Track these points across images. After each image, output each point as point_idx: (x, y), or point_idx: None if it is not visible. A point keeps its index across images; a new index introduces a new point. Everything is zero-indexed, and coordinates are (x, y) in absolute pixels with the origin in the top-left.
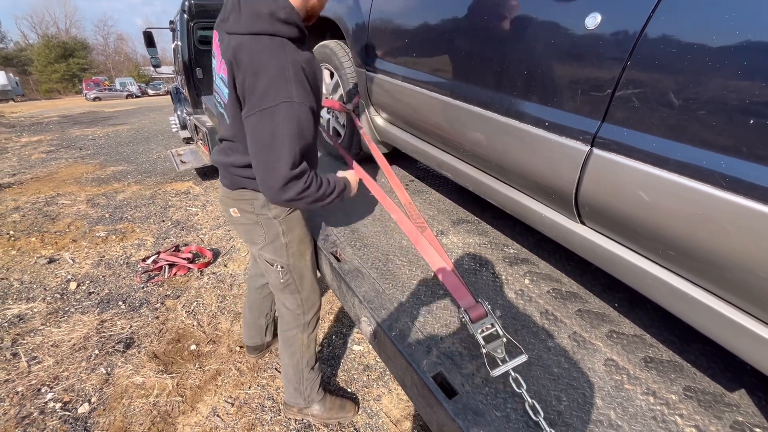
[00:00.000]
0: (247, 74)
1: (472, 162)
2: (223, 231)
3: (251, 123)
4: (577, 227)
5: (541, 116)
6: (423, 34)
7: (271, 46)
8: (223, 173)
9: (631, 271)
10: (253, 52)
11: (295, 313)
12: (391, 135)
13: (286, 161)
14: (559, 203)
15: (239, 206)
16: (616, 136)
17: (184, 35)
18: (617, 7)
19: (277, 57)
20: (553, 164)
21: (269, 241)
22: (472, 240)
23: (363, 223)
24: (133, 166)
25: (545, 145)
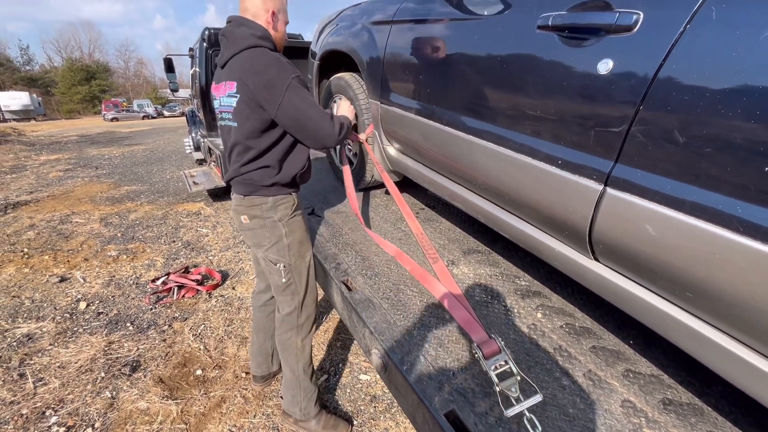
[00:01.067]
0: (258, 75)
1: (484, 195)
2: (233, 253)
3: (287, 103)
4: (590, 264)
5: (554, 154)
6: (438, 70)
7: (260, 51)
8: (236, 182)
9: (648, 310)
10: (252, 59)
11: (290, 316)
12: (402, 165)
13: (323, 112)
14: (572, 239)
15: (249, 212)
16: (629, 176)
17: (202, 62)
18: (629, 55)
19: (269, 54)
20: (567, 201)
21: (274, 242)
22: (483, 271)
23: (373, 251)
24: (147, 186)
25: (558, 183)
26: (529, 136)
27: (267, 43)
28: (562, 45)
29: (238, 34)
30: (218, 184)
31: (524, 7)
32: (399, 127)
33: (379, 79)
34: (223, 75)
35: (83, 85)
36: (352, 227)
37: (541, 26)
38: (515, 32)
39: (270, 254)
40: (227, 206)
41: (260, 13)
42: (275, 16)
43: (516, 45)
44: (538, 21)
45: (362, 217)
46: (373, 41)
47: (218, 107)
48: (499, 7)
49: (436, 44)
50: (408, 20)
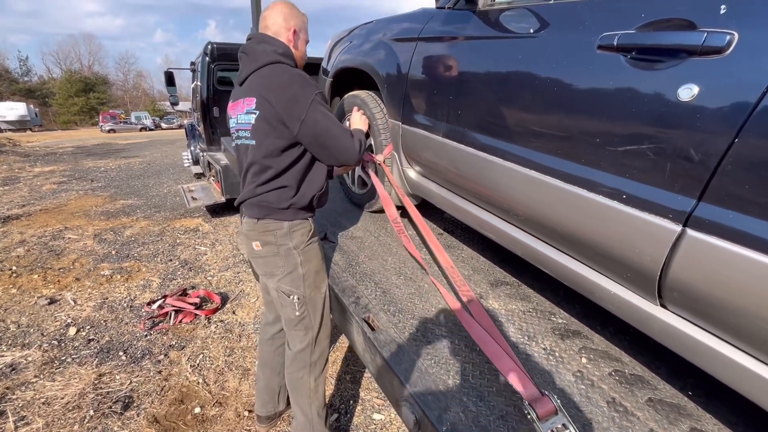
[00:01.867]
0: (280, 90)
1: (523, 227)
2: (232, 273)
3: (311, 120)
4: (656, 311)
5: (618, 188)
6: (473, 91)
7: (283, 66)
8: (250, 205)
9: (728, 366)
10: (274, 74)
11: (302, 353)
12: (424, 189)
13: (345, 129)
14: (635, 283)
15: (262, 238)
16: (716, 217)
17: (204, 76)
18: (721, 80)
19: (292, 71)
20: (632, 241)
21: (288, 272)
22: (515, 306)
23: (394, 283)
24: (143, 200)
25: (622, 220)
26: (586, 167)
27: (288, 60)
28: (629, 67)
29: (260, 50)
30: (217, 200)
31: (580, 25)
32: (423, 150)
33: (400, 98)
34: (242, 92)
35: (81, 96)
36: (368, 255)
37: (604, 46)
38: (569, 52)
39: (283, 285)
40: (226, 223)
41: (281, 30)
42: (296, 34)
43: (570, 66)
44: (599, 40)
45: (377, 242)
46: (395, 59)
47: (234, 125)
48: (547, 25)
49: (470, 64)
50: (436, 38)
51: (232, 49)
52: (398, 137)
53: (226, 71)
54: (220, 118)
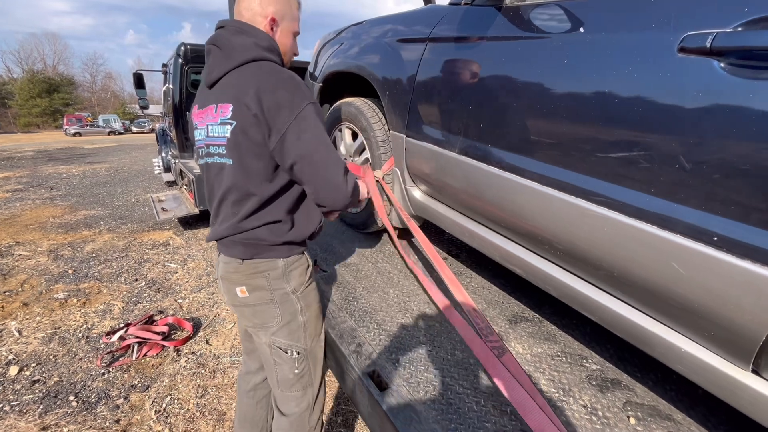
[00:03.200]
0: (264, 94)
1: (564, 264)
2: (206, 294)
3: (292, 135)
4: (748, 378)
5: (704, 227)
6: (503, 100)
7: (269, 65)
8: (231, 242)
9: None
10: (259, 75)
11: (300, 418)
12: (431, 211)
13: (338, 158)
14: (722, 344)
15: (250, 282)
16: None
17: (177, 78)
18: None
19: (281, 71)
20: (729, 296)
21: (285, 322)
22: (541, 349)
23: (400, 323)
24: (108, 211)
25: (711, 267)
26: (662, 200)
27: (274, 56)
28: (728, 75)
29: (237, 43)
30: (190, 211)
31: (651, 22)
32: (432, 167)
33: (405, 107)
34: (213, 96)
35: (44, 97)
36: (367, 287)
37: (689, 48)
38: (635, 56)
39: (279, 338)
40: (200, 236)
41: (257, 18)
42: (275, 23)
43: (637, 74)
44: (681, 41)
45: (375, 270)
46: (399, 62)
47: (203, 139)
48: (602, 23)
49: (497, 69)
50: (452, 38)
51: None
52: (401, 151)
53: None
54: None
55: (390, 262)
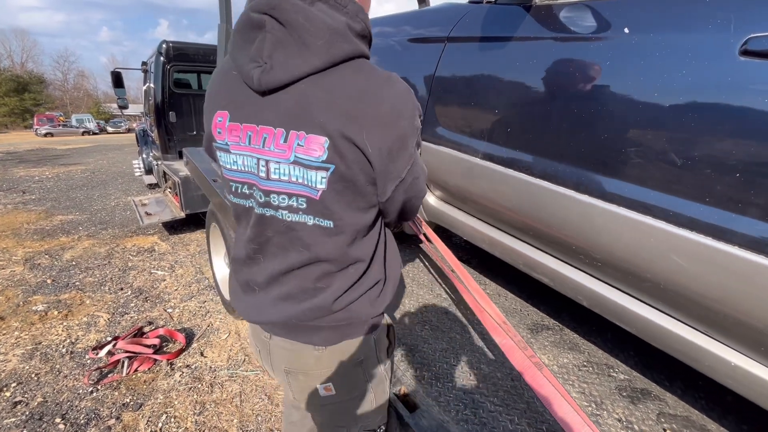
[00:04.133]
0: (385, 128)
1: (598, 274)
2: (197, 303)
3: (411, 177)
4: None
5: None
6: (536, 104)
7: (376, 72)
8: (306, 326)
9: None
10: (368, 89)
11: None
12: (447, 218)
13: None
14: None
15: (341, 375)
16: None
17: (158, 77)
18: None
19: (394, 84)
20: None
21: (379, 405)
22: (566, 359)
23: (420, 337)
24: (86, 215)
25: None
26: (713, 208)
27: (367, 46)
28: None
29: (321, 22)
30: (176, 215)
31: (705, 23)
32: (449, 172)
33: (422, 109)
34: (271, 112)
35: (12, 96)
36: None
37: (753, 52)
38: (688, 58)
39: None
40: (186, 240)
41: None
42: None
43: (689, 77)
44: (745, 44)
45: None
46: (413, 62)
47: (249, 173)
48: (647, 22)
49: (528, 72)
50: (475, 38)
51: (190, 49)
52: None
53: (184, 72)
54: (177, 124)
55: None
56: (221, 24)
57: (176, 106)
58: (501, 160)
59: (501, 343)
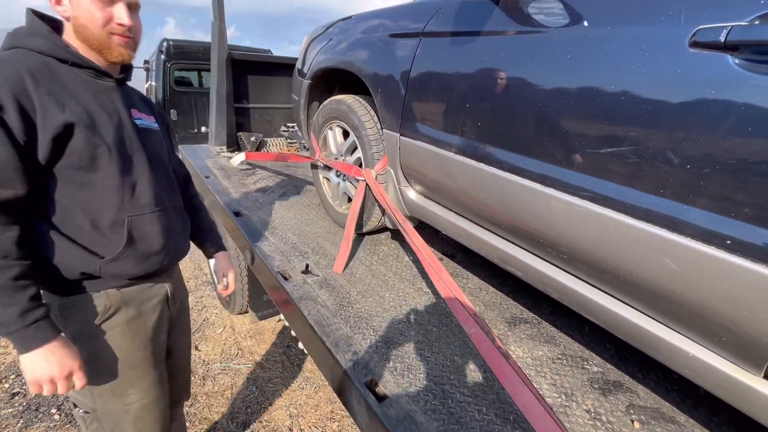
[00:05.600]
0: None
1: (565, 266)
2: (194, 298)
3: None
4: (759, 384)
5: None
6: (502, 97)
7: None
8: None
9: None
10: None
11: None
12: (426, 212)
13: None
14: (732, 349)
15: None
16: None
17: (159, 75)
18: None
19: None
20: (742, 302)
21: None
22: (541, 352)
23: (397, 329)
24: None
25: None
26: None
27: (35, 42)
28: (746, 72)
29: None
30: None
31: (659, 15)
32: (427, 167)
33: (399, 105)
34: None
35: None
36: (362, 290)
37: (701, 43)
38: (642, 51)
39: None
40: None
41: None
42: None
43: (645, 69)
44: (694, 35)
45: (369, 273)
46: (391, 58)
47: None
48: (603, 16)
49: (495, 64)
50: (448, 33)
51: (191, 47)
52: (395, 151)
53: (185, 71)
54: (179, 122)
55: (384, 264)
56: (214, 21)
57: (177, 104)
58: (473, 155)
59: (470, 332)
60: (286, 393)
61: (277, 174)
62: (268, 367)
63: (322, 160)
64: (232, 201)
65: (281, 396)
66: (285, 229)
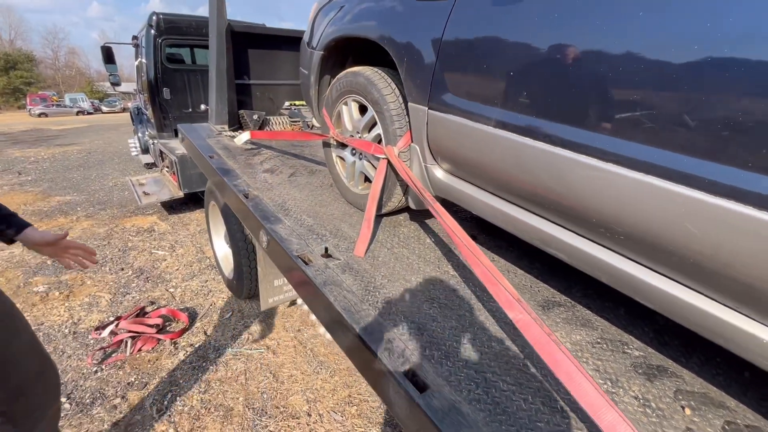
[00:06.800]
0: None
1: (622, 249)
2: (199, 282)
3: None
4: None
5: None
6: (557, 64)
7: None
8: None
9: None
10: None
11: None
12: (456, 192)
13: None
14: None
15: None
16: None
17: (150, 52)
18: None
19: None
20: None
21: None
22: (579, 336)
23: (428, 314)
24: (84, 196)
25: None
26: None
27: None
28: None
29: None
30: (174, 195)
31: None
32: (459, 143)
33: (428, 75)
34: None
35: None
36: (386, 274)
37: None
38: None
39: None
40: (186, 220)
41: None
42: None
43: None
44: None
45: (392, 255)
46: (422, 22)
47: None
48: None
49: (549, 25)
50: None
51: (182, 21)
52: (422, 126)
53: (176, 47)
54: (172, 101)
55: (406, 246)
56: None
57: (170, 82)
58: (517, 128)
59: (516, 318)
60: (302, 378)
61: (284, 154)
62: (280, 352)
63: (337, 138)
64: (239, 182)
65: (297, 381)
66: (299, 211)
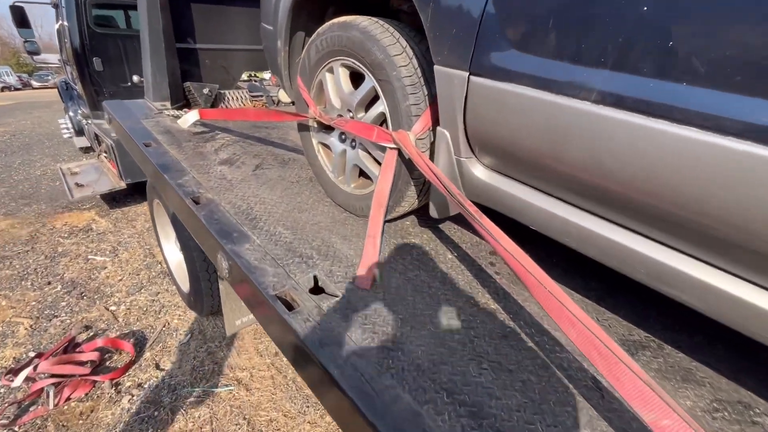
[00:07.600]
0: None
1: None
2: (148, 296)
3: None
4: None
5: None
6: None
7: None
8: None
9: None
10: None
11: None
12: (502, 196)
13: None
14: None
15: None
16: None
17: (72, 13)
18: None
19: None
20: None
21: None
22: (688, 401)
23: (474, 381)
24: (5, 188)
25: None
26: None
27: None
28: None
29: None
30: (114, 186)
31: None
32: (524, 126)
33: (473, 23)
34: None
35: None
36: (406, 317)
37: None
38: None
39: None
40: (131, 215)
41: None
42: None
43: None
44: None
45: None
46: None
47: None
48: None
49: None
50: None
51: None
52: (456, 101)
53: (106, 8)
54: (105, 73)
55: (424, 267)
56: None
57: (101, 51)
58: (636, 105)
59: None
60: (284, 422)
61: (245, 138)
62: (255, 387)
63: (319, 119)
64: (187, 180)
65: (278, 428)
66: (272, 221)
